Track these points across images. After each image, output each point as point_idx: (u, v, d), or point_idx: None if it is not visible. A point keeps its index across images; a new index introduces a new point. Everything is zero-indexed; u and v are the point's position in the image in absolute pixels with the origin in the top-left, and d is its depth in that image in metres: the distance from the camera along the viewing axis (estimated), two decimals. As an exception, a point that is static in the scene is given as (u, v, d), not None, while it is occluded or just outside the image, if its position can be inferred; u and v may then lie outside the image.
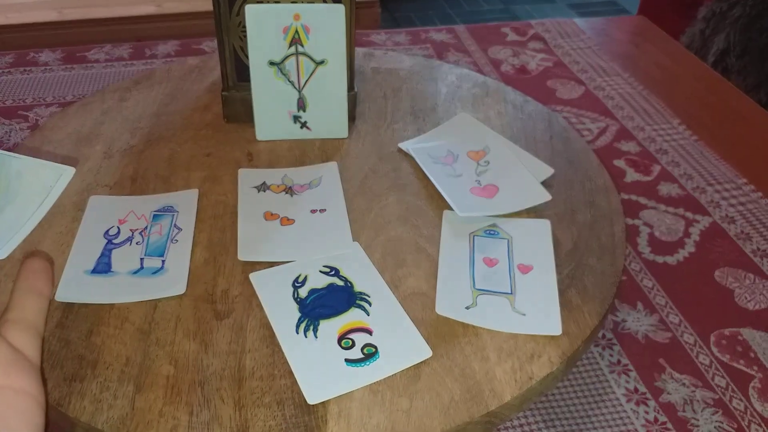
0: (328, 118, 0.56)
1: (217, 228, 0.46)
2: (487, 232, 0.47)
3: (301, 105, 0.55)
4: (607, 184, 0.52)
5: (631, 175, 0.67)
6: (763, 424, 0.44)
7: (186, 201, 0.48)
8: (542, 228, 0.47)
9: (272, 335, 0.39)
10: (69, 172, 0.28)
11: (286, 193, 0.50)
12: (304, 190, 0.50)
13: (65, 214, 0.47)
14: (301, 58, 0.53)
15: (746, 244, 0.59)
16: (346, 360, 0.37)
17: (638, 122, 0.74)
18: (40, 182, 0.28)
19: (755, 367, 0.48)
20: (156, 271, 0.42)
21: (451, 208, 0.47)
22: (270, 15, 0.51)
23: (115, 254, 0.44)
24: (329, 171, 0.52)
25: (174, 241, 0.45)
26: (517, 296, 0.42)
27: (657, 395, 0.46)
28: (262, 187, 0.50)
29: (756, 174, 0.67)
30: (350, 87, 0.56)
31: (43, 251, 0.42)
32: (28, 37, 1.50)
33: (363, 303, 0.41)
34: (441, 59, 0.84)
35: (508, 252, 0.45)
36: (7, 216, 0.27)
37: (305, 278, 0.42)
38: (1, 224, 0.27)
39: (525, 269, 0.44)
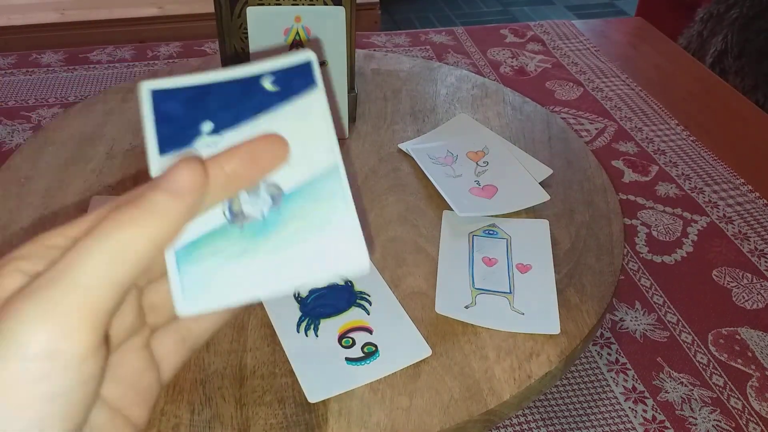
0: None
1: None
2: (487, 231, 0.47)
3: (302, 106, 0.55)
4: (606, 184, 0.52)
5: (629, 176, 0.67)
6: (761, 423, 0.44)
7: (187, 201, 0.49)
8: (541, 228, 0.47)
9: (273, 334, 0.39)
10: (363, 265, 0.21)
11: (287, 193, 0.50)
12: (305, 191, 0.50)
13: (68, 214, 0.48)
14: (302, 59, 0.53)
15: (744, 244, 0.59)
16: (347, 359, 0.38)
17: (636, 123, 0.75)
18: (329, 250, 0.21)
19: (753, 366, 0.48)
20: None
21: (450, 208, 0.48)
22: (271, 17, 0.52)
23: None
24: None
25: (176, 241, 0.45)
26: (516, 295, 0.42)
27: (655, 394, 0.46)
28: (263, 188, 0.50)
29: (754, 174, 0.67)
30: (350, 88, 0.57)
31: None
32: (31, 39, 1.50)
33: (363, 302, 0.41)
34: (440, 61, 0.85)
35: (507, 252, 0.45)
36: (253, 266, 0.21)
37: (306, 278, 0.43)
38: (237, 272, 0.20)
39: (524, 269, 0.44)
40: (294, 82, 0.23)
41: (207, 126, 0.22)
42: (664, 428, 0.44)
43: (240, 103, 0.23)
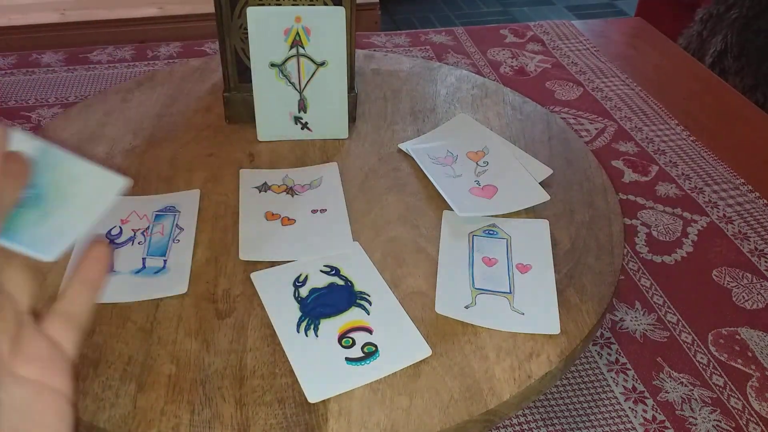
0: (329, 118, 0.56)
1: (219, 228, 0.47)
2: (487, 232, 0.47)
3: (302, 106, 0.55)
4: (606, 184, 0.52)
5: (629, 176, 0.67)
6: (761, 423, 0.44)
7: (188, 201, 0.49)
8: (541, 228, 0.47)
9: (273, 334, 0.39)
10: (121, 182, 0.28)
11: (287, 193, 0.50)
12: (305, 191, 0.50)
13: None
14: (302, 59, 0.54)
15: (744, 244, 0.59)
16: (347, 359, 0.38)
17: (636, 123, 0.75)
18: (95, 188, 0.28)
19: (753, 366, 0.48)
20: (158, 271, 0.43)
21: (450, 208, 0.48)
22: (271, 17, 0.52)
23: (118, 254, 0.44)
24: (330, 171, 0.53)
25: (176, 241, 0.45)
26: (516, 295, 0.42)
27: (655, 394, 0.46)
28: (263, 188, 0.51)
29: (753, 174, 0.67)
30: (350, 88, 0.57)
31: (102, 238, 0.42)
32: (31, 39, 1.50)
33: (363, 302, 0.41)
34: (440, 61, 0.85)
35: (507, 252, 0.45)
36: (61, 217, 0.27)
37: (306, 278, 0.43)
38: (52, 227, 0.27)
39: (524, 269, 0.44)
40: None
41: None
42: (664, 428, 0.44)
43: None
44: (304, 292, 0.42)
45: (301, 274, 0.43)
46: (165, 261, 0.44)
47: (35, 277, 0.27)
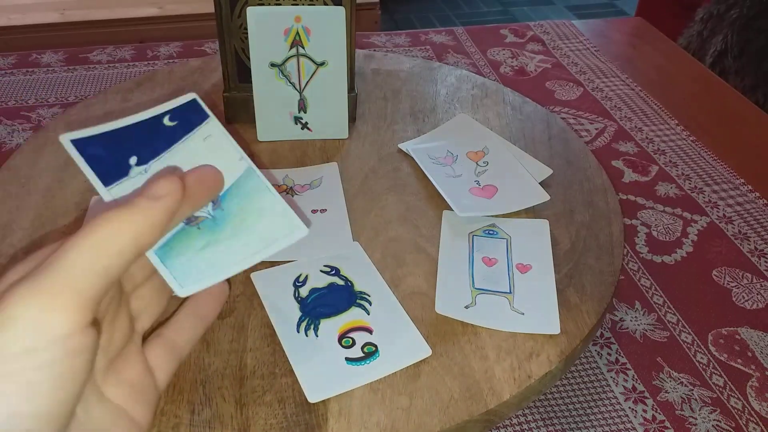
0: (329, 119, 0.56)
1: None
2: (486, 231, 0.47)
3: (302, 106, 0.55)
4: (606, 184, 0.52)
5: (629, 176, 0.67)
6: (761, 423, 0.44)
7: (187, 201, 0.49)
8: (541, 228, 0.47)
9: (273, 334, 0.39)
10: (302, 231, 0.27)
11: (287, 193, 0.50)
12: (305, 191, 0.50)
13: (68, 214, 0.48)
14: (302, 59, 0.54)
15: (744, 244, 0.59)
16: (347, 359, 0.38)
17: (636, 123, 0.75)
18: (272, 229, 0.26)
19: (753, 366, 0.48)
20: None
21: (450, 208, 0.48)
22: (271, 17, 0.52)
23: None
24: (330, 171, 0.53)
25: (176, 241, 0.45)
26: (516, 295, 0.42)
27: (655, 394, 0.46)
28: (263, 188, 0.51)
29: (753, 174, 0.67)
30: (350, 88, 0.57)
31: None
32: (31, 39, 1.50)
33: (363, 302, 0.41)
34: (440, 61, 0.85)
35: (507, 252, 0.45)
36: (220, 252, 0.25)
37: (306, 278, 0.43)
38: (209, 258, 0.25)
39: (524, 269, 0.44)
40: (189, 116, 0.29)
41: (133, 160, 0.27)
42: (664, 428, 0.44)
43: (152, 139, 0.28)
44: (304, 292, 0.42)
45: (301, 274, 0.43)
46: (165, 261, 0.43)
47: (165, 300, 0.26)
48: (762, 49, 1.04)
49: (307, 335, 0.39)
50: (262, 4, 0.52)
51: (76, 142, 0.27)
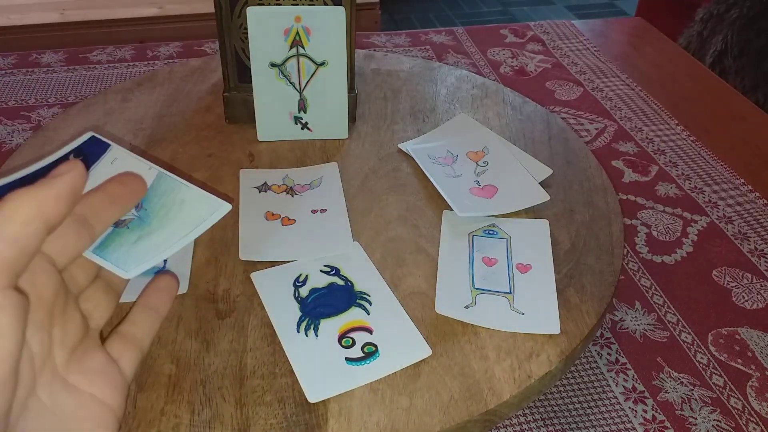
0: (329, 119, 0.56)
1: (219, 228, 0.47)
2: (486, 231, 0.47)
3: (302, 106, 0.55)
4: (605, 184, 0.52)
5: (629, 176, 0.67)
6: (761, 423, 0.44)
7: (187, 201, 0.49)
8: (541, 228, 0.47)
9: (273, 334, 0.39)
10: (225, 207, 0.29)
11: (287, 193, 0.50)
12: (305, 191, 0.50)
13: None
14: (302, 59, 0.54)
15: (744, 244, 0.59)
16: (347, 359, 0.38)
17: (636, 123, 0.75)
18: (196, 213, 0.29)
19: (753, 366, 0.48)
20: (158, 271, 0.43)
21: (450, 208, 0.48)
22: (271, 17, 0.52)
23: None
24: (330, 171, 0.53)
25: (176, 241, 0.45)
26: (516, 295, 0.42)
27: (655, 394, 0.46)
28: (263, 188, 0.51)
29: (753, 174, 0.67)
30: (350, 88, 0.57)
31: (171, 271, 0.42)
32: (31, 39, 1.50)
33: (363, 302, 0.41)
34: (440, 61, 0.85)
35: (507, 252, 0.45)
36: (153, 240, 0.28)
37: (306, 278, 0.43)
38: (144, 246, 0.28)
39: (524, 269, 0.44)
40: (92, 150, 0.31)
41: None
42: (664, 428, 0.44)
43: None
44: (304, 292, 0.42)
45: (301, 274, 0.43)
46: (165, 261, 0.44)
47: (114, 300, 0.28)
48: (762, 49, 1.04)
49: (307, 335, 0.39)
50: (262, 4, 0.52)
51: None
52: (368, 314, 0.40)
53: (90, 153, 0.31)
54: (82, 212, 0.25)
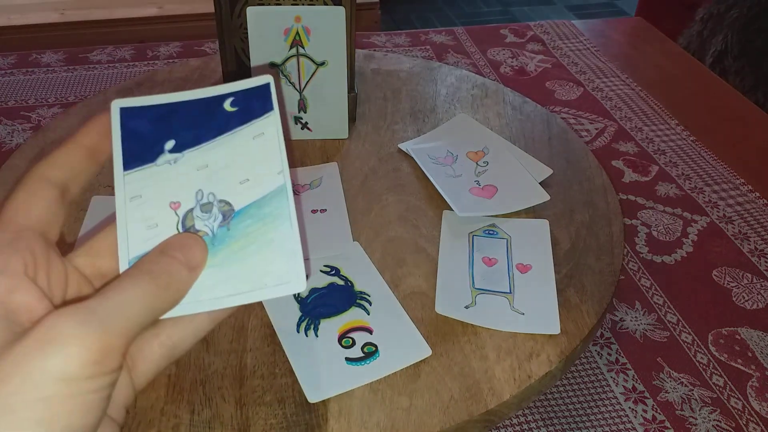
0: (329, 119, 0.56)
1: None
2: (487, 232, 0.47)
3: (302, 106, 0.55)
4: (606, 184, 0.52)
5: (630, 176, 0.67)
6: (761, 423, 0.44)
7: (187, 201, 0.49)
8: (541, 228, 0.47)
9: (273, 334, 0.39)
10: (299, 285, 0.23)
11: (287, 193, 0.50)
12: (305, 191, 0.50)
13: (67, 215, 0.48)
14: (302, 59, 0.54)
15: (744, 244, 0.59)
16: (347, 359, 0.38)
17: (636, 123, 0.75)
18: (269, 269, 0.23)
19: (753, 366, 0.48)
20: None
21: (450, 208, 0.48)
22: (271, 17, 0.52)
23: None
24: (330, 171, 0.53)
25: (176, 241, 0.45)
26: (516, 295, 0.42)
27: (655, 394, 0.46)
28: (263, 188, 0.51)
29: (754, 174, 0.67)
30: (350, 88, 0.57)
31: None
32: (31, 39, 1.50)
33: (363, 302, 0.41)
34: (440, 61, 0.85)
35: (507, 252, 0.45)
36: (204, 280, 0.23)
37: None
38: (201, 283, 0.23)
39: (524, 269, 0.44)
40: (252, 104, 0.26)
41: (170, 144, 0.25)
42: (664, 428, 0.44)
43: (202, 123, 0.25)
44: (304, 292, 0.42)
45: (301, 274, 0.43)
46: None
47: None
48: (762, 49, 1.04)
49: (307, 335, 0.39)
50: (262, 4, 0.52)
51: (123, 111, 0.25)
52: (368, 314, 0.40)
53: (247, 108, 0.25)
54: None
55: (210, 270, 0.23)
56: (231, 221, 0.24)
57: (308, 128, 0.56)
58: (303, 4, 0.53)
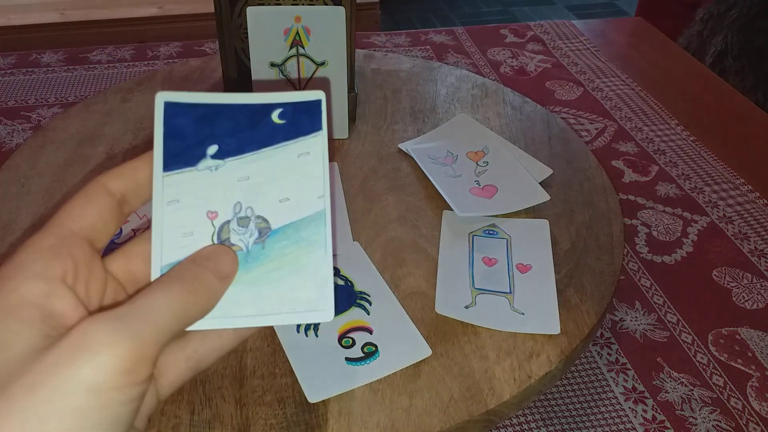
0: (329, 118, 0.56)
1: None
2: (487, 231, 0.47)
3: (302, 106, 0.55)
4: (606, 184, 0.52)
5: (630, 176, 0.67)
6: (761, 423, 0.44)
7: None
8: (541, 228, 0.47)
9: (273, 334, 0.39)
10: (327, 315, 0.23)
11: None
12: (305, 191, 0.50)
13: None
14: (302, 59, 0.54)
15: (744, 244, 0.59)
16: (347, 359, 0.38)
17: (636, 123, 0.75)
18: (299, 294, 0.23)
19: (753, 366, 0.48)
20: None
21: (450, 208, 0.48)
22: (271, 17, 0.52)
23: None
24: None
25: (176, 241, 0.45)
26: (516, 295, 0.42)
27: (655, 394, 0.46)
28: (263, 188, 0.51)
29: (754, 174, 0.67)
30: (350, 88, 0.57)
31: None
32: (31, 39, 1.50)
33: (363, 302, 0.41)
34: (440, 61, 0.85)
35: (507, 252, 0.45)
36: (232, 296, 0.23)
37: (306, 278, 0.42)
38: (224, 297, 0.23)
39: (524, 269, 0.44)
40: (301, 119, 0.25)
41: (212, 149, 0.24)
42: (664, 428, 0.44)
43: (247, 131, 0.24)
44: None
45: (301, 274, 0.43)
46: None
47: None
48: (762, 49, 1.04)
49: (307, 335, 0.39)
50: (262, 4, 0.52)
51: (169, 107, 0.25)
52: (368, 314, 0.40)
53: (295, 123, 0.25)
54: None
55: (241, 287, 0.23)
56: (267, 239, 0.23)
57: (308, 128, 0.56)
58: (303, 4, 0.53)
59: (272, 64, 0.54)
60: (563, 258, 0.45)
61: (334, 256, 0.41)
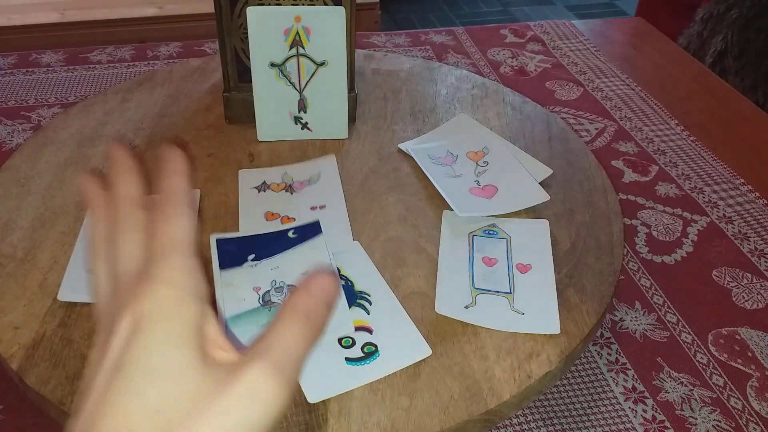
0: (329, 118, 0.56)
1: (219, 228, 0.47)
2: (486, 232, 0.47)
3: (302, 106, 0.55)
4: (606, 184, 0.52)
5: (629, 176, 0.67)
6: (761, 423, 0.44)
7: (188, 201, 0.49)
8: (541, 228, 0.47)
9: (273, 334, 0.39)
10: (349, 328, 0.34)
11: (286, 191, 0.50)
12: (304, 187, 0.50)
13: (68, 214, 0.48)
14: (302, 59, 0.54)
15: (744, 244, 0.59)
16: (347, 359, 0.38)
17: (636, 123, 0.75)
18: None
19: (753, 366, 0.48)
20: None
21: (450, 208, 0.48)
22: (271, 17, 0.52)
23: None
24: (328, 165, 0.53)
25: (176, 241, 0.45)
26: (516, 295, 0.42)
27: (655, 394, 0.46)
28: (262, 187, 0.51)
29: (753, 174, 0.67)
30: (350, 88, 0.57)
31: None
32: (31, 39, 1.50)
33: (363, 302, 0.41)
34: (440, 61, 0.85)
35: (507, 252, 0.45)
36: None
37: (306, 278, 0.43)
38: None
39: (524, 269, 0.44)
40: (307, 232, 0.43)
41: (251, 256, 0.41)
42: (664, 428, 0.44)
43: (273, 244, 0.42)
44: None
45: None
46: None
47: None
48: (762, 49, 1.04)
49: (307, 335, 0.39)
50: (262, 4, 0.52)
51: (219, 241, 0.41)
52: (368, 314, 0.40)
53: (303, 233, 0.42)
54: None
55: None
56: None
57: (308, 128, 0.56)
58: (303, 4, 0.53)
59: (272, 64, 0.54)
60: (563, 258, 0.45)
61: (334, 255, 0.42)
